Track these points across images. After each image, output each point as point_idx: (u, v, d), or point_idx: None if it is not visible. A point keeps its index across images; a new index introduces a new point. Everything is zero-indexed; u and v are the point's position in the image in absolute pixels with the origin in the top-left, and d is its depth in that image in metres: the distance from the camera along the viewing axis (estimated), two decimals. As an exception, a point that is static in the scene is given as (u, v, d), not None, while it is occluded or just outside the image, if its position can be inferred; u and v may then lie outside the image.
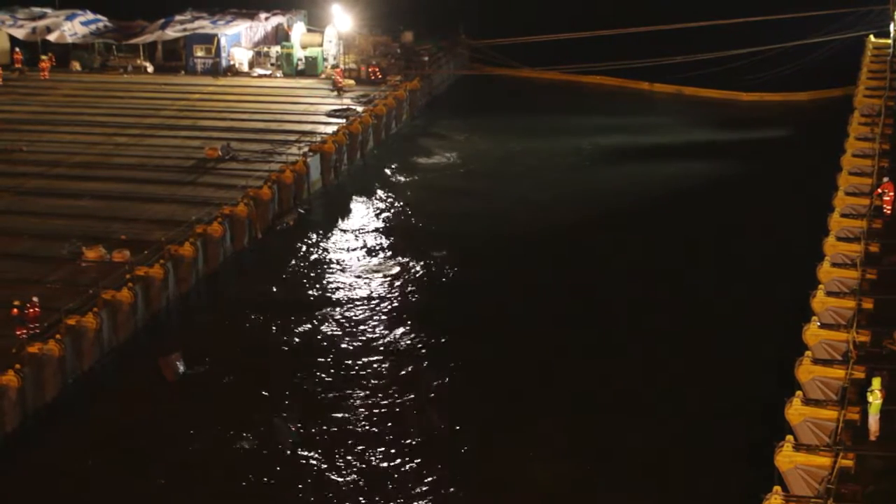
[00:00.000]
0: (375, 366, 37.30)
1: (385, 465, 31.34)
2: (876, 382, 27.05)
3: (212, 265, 44.86)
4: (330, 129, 60.26)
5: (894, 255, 37.66)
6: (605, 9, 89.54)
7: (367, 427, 33.42)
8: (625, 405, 34.52)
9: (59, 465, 31.48)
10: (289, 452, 32.06)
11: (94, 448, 32.40)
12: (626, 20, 79.68)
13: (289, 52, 76.10)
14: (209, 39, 76.62)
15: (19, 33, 79.26)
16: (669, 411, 34.00)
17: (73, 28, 79.39)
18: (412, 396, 35.24)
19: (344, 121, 62.42)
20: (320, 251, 48.56)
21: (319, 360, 37.88)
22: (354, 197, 56.50)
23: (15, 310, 34.84)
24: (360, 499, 29.85)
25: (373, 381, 36.17)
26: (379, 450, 32.09)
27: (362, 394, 35.41)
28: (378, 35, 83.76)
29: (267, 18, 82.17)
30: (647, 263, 46.51)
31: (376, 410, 34.39)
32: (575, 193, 56.86)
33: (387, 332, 40.00)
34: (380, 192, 57.28)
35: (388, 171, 61.22)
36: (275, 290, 44.30)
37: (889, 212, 40.96)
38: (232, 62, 76.78)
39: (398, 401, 35.00)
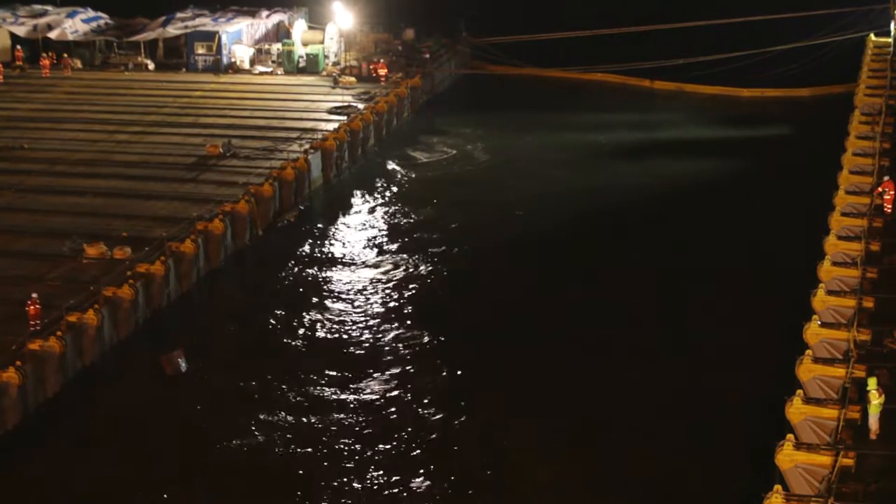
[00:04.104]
0: (376, 363, 37.31)
1: (385, 463, 31.35)
2: (872, 382, 27.08)
3: (213, 262, 44.88)
4: (331, 126, 60.30)
5: (895, 254, 37.67)
6: (608, 7, 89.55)
7: (367, 425, 33.44)
8: (625, 404, 34.50)
9: (59, 462, 31.53)
10: (289, 450, 32.08)
11: (95, 445, 32.45)
12: (629, 19, 79.85)
13: (290, 50, 76.16)
14: (210, 37, 76.70)
15: (20, 31, 79.37)
16: (670, 411, 33.99)
17: (74, 25, 79.49)
18: (413, 395, 35.26)
19: (345, 118, 62.48)
20: (321, 248, 48.59)
21: (320, 357, 37.91)
22: (355, 194, 56.54)
23: None
24: (359, 497, 29.88)
25: (374, 379, 36.19)
26: (379, 448, 32.09)
27: (363, 391, 35.43)
28: (379, 32, 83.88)
29: (268, 16, 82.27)
30: (647, 261, 46.49)
31: (377, 408, 34.41)
32: (576, 191, 56.84)
33: (388, 329, 40.02)
34: (381, 189, 57.30)
35: (389, 168, 61.24)
36: (276, 287, 44.34)
37: (889, 210, 40.96)
38: (233, 59, 76.87)
39: (399, 399, 35.02)
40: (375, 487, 30.19)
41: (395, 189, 57.54)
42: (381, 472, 30.88)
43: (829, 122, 60.06)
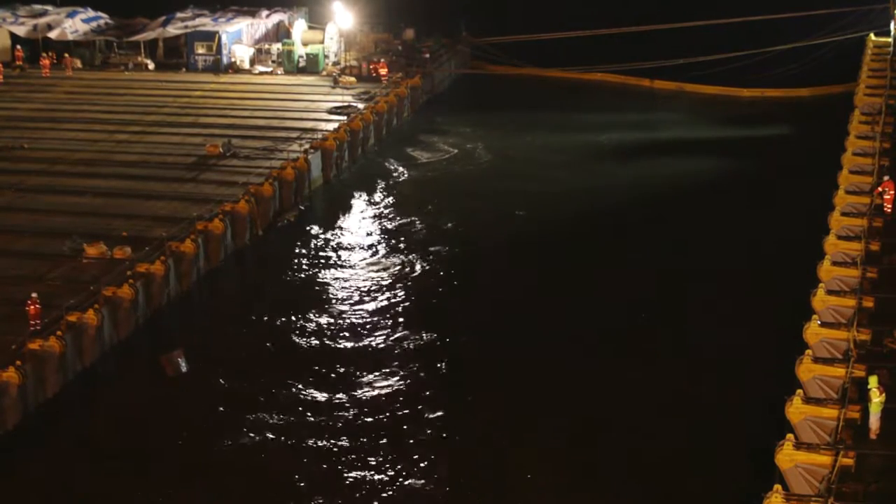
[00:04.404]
0: (376, 363, 37.30)
1: (384, 463, 31.34)
2: (872, 381, 27.09)
3: (213, 262, 44.89)
4: (331, 126, 60.31)
5: (895, 254, 37.68)
6: (608, 7, 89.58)
7: (367, 425, 33.42)
8: (625, 404, 34.50)
9: (59, 462, 31.51)
10: (289, 450, 32.07)
11: (95, 445, 32.44)
12: (629, 19, 79.87)
13: (290, 50, 76.19)
14: (210, 37, 76.73)
15: (20, 31, 79.43)
16: (670, 411, 33.99)
17: (74, 25, 79.54)
18: (413, 395, 35.24)
19: (345, 118, 62.49)
20: (321, 248, 48.58)
21: (320, 356, 37.90)
22: (355, 194, 56.52)
23: None
24: (359, 497, 29.87)
25: (374, 379, 36.18)
26: (378, 448, 32.09)
27: (363, 391, 35.42)
28: (379, 32, 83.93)
29: (268, 16, 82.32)
30: (647, 261, 46.50)
31: (377, 408, 34.39)
32: (576, 191, 56.86)
33: (388, 329, 40.01)
34: (381, 189, 57.30)
35: (389, 168, 61.24)
36: (276, 287, 44.33)
37: (889, 210, 40.98)
38: (233, 59, 76.91)
39: (399, 399, 35.00)
40: (375, 487, 30.18)
41: (395, 189, 57.54)
42: (380, 472, 30.88)
43: (829, 122, 60.10)
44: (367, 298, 42.80)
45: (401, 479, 30.50)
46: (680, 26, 74.81)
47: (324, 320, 40.87)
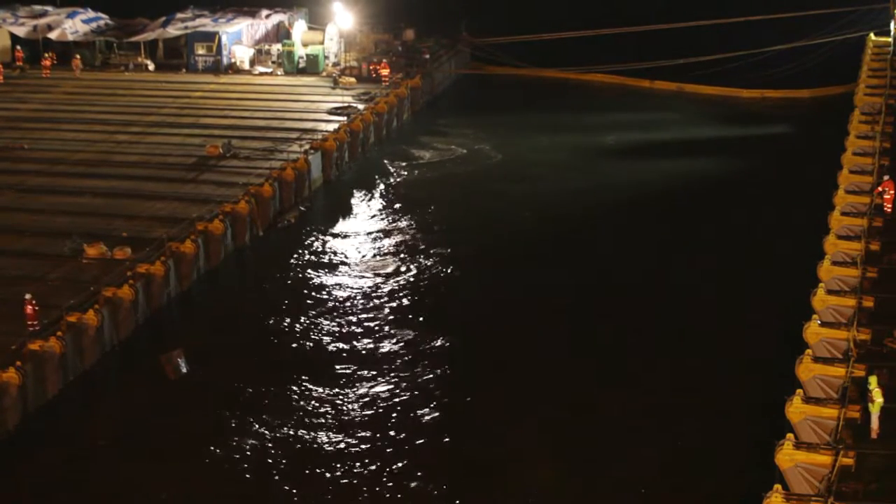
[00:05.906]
0: (377, 363, 37.32)
1: (385, 463, 31.35)
2: (873, 381, 27.10)
3: (213, 262, 44.91)
4: (331, 127, 60.33)
5: (895, 254, 37.69)
6: (608, 7, 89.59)
7: (367, 425, 33.44)
8: (625, 404, 34.51)
9: (59, 462, 31.50)
10: (289, 450, 32.08)
11: (95, 445, 32.44)
12: (629, 19, 79.90)
13: (290, 50, 76.24)
14: (210, 37, 76.79)
15: (20, 31, 79.52)
16: (670, 411, 33.98)
17: (74, 26, 79.60)
18: (413, 395, 35.26)
19: (345, 118, 62.51)
20: (321, 249, 48.59)
21: (320, 356, 37.92)
22: (355, 194, 56.54)
23: None
24: (359, 497, 29.87)
25: (374, 379, 36.19)
26: (379, 448, 32.10)
27: (363, 391, 35.42)
28: (379, 33, 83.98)
29: (268, 16, 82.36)
30: (646, 261, 46.54)
31: (377, 408, 34.41)
32: (576, 191, 56.85)
33: (388, 329, 40.01)
34: (381, 190, 57.32)
35: (389, 169, 61.26)
36: (276, 287, 44.34)
37: (889, 210, 40.99)
38: (233, 60, 76.96)
39: (399, 399, 35.01)
40: (375, 487, 30.17)
41: (395, 189, 57.56)
42: (381, 472, 30.87)
43: (829, 122, 60.12)
44: (367, 298, 42.80)
45: (401, 480, 30.47)
46: (680, 26, 74.85)
47: (324, 320, 40.88)
